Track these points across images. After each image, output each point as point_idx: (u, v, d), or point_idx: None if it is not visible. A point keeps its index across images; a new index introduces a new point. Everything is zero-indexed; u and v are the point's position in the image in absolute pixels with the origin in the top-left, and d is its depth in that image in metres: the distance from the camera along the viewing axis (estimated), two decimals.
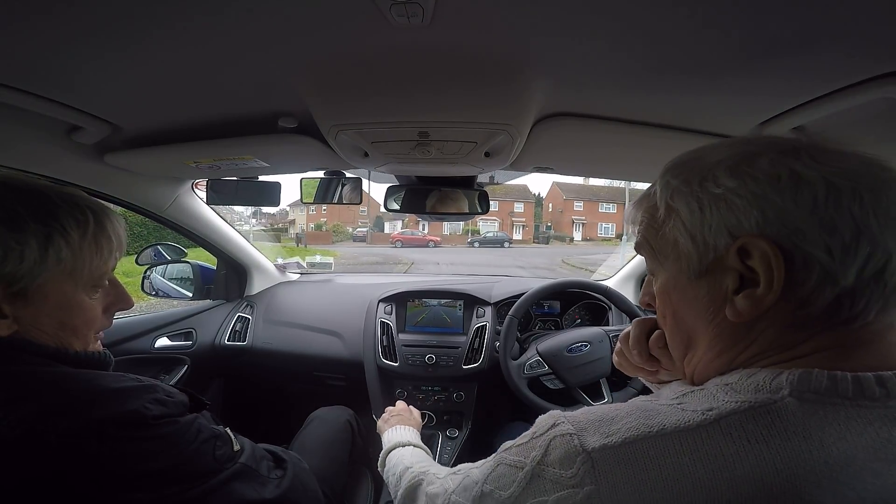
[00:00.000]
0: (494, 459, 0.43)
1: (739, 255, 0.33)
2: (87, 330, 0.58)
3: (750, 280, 0.33)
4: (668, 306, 0.41)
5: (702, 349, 0.39)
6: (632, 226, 0.44)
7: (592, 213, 33.33)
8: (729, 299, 0.35)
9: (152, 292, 1.52)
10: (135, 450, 0.49)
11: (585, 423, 0.36)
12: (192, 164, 0.98)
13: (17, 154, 0.86)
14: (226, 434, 0.62)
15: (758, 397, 0.31)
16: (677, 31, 0.48)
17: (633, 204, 0.43)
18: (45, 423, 0.45)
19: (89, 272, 0.55)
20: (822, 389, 0.30)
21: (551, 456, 0.36)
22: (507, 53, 0.55)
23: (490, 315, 1.42)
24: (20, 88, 0.63)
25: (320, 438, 1.07)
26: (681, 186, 0.37)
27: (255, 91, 0.69)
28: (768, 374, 0.33)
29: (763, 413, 0.30)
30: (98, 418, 0.48)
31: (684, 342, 0.40)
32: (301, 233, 28.98)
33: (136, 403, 0.50)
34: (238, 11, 0.46)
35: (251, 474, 0.62)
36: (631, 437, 0.33)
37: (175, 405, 0.55)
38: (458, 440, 1.35)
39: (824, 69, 0.53)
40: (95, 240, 0.55)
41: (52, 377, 0.50)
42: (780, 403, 0.30)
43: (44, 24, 0.48)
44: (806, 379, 0.31)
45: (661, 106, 0.70)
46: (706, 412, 0.32)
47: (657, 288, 0.42)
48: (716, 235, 0.34)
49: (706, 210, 0.35)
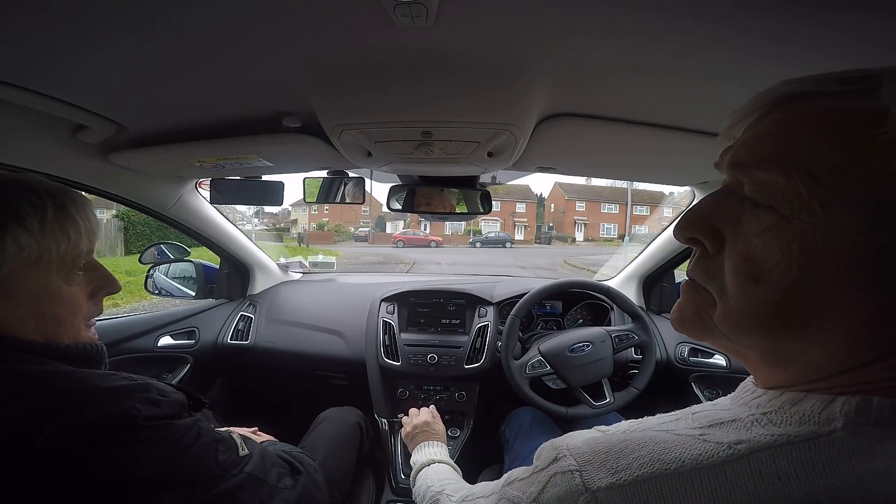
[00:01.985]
0: (499, 493, 0.42)
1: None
2: (73, 318, 0.56)
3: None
4: (791, 271, 0.26)
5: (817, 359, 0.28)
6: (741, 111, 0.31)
7: (594, 214, 33.31)
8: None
9: (155, 291, 1.52)
10: (126, 453, 0.47)
11: (591, 456, 0.32)
12: (196, 164, 0.99)
13: (23, 153, 0.86)
14: (230, 438, 0.60)
15: (801, 430, 0.26)
16: (679, 31, 0.48)
17: (775, 93, 0.29)
18: (32, 425, 0.43)
19: (59, 257, 0.52)
20: (883, 420, 0.25)
21: (548, 494, 0.33)
22: (511, 54, 0.55)
23: (492, 315, 1.42)
24: (26, 87, 0.64)
25: (330, 438, 1.07)
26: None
27: (259, 91, 0.70)
28: (818, 401, 0.27)
29: (804, 448, 0.25)
30: (87, 420, 0.46)
31: (785, 329, 0.28)
32: (303, 232, 29.05)
33: (127, 404, 0.48)
34: (244, 12, 0.47)
35: (258, 484, 0.60)
36: (643, 475, 0.28)
37: (170, 405, 0.53)
38: (460, 440, 1.35)
39: (825, 69, 0.53)
40: (59, 224, 0.52)
41: (42, 376, 0.48)
42: (829, 438, 0.25)
43: (50, 23, 0.48)
44: (865, 409, 0.25)
45: (664, 106, 0.70)
46: (734, 445, 0.27)
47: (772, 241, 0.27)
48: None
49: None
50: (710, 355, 1.35)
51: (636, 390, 1.19)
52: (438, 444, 0.94)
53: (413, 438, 0.98)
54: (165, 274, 1.56)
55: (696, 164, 0.96)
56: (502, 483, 0.43)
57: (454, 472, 0.81)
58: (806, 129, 0.26)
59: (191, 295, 1.59)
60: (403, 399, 1.39)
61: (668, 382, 1.33)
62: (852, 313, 0.25)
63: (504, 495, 0.40)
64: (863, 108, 0.25)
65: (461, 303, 1.48)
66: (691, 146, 0.82)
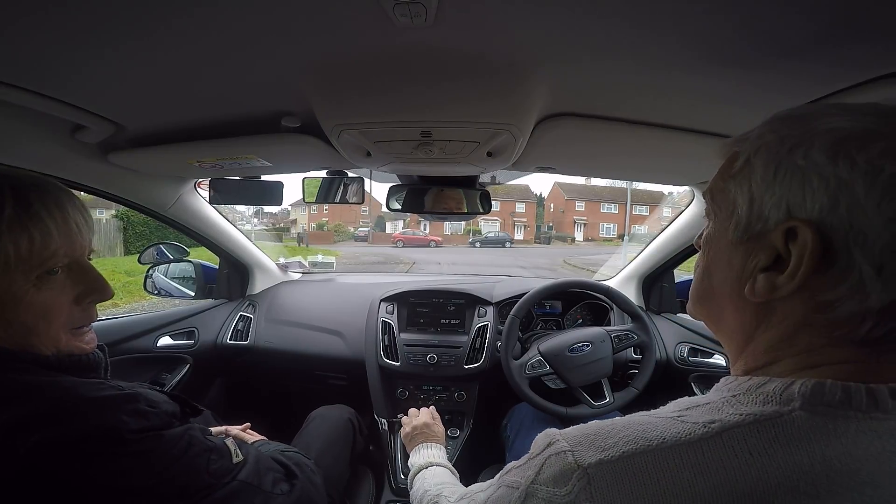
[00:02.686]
0: (497, 482, 0.43)
1: (786, 235, 0.31)
2: (48, 326, 0.50)
3: (782, 263, 0.31)
4: (704, 258, 0.40)
5: (730, 323, 0.38)
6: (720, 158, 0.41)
7: (594, 214, 33.34)
8: (753, 275, 0.33)
9: (155, 291, 1.52)
10: (112, 467, 0.45)
11: (581, 438, 0.35)
12: (196, 164, 0.99)
13: (21, 153, 0.86)
14: (223, 446, 0.58)
15: (765, 410, 0.30)
16: (679, 31, 0.48)
17: (733, 140, 0.38)
18: (14, 438, 0.42)
19: (21, 259, 0.46)
20: (835, 402, 0.29)
21: (544, 474, 0.35)
22: (510, 53, 0.55)
23: (492, 315, 1.42)
24: (25, 87, 0.63)
25: (322, 437, 1.06)
26: (772, 144, 0.32)
27: (258, 91, 0.69)
28: (779, 384, 0.31)
29: (769, 426, 0.29)
30: (72, 432, 0.44)
31: (705, 296, 0.40)
32: (303, 232, 29.05)
33: (114, 416, 0.46)
34: (243, 12, 0.46)
35: (252, 492, 0.59)
36: (629, 452, 0.31)
37: (158, 416, 0.50)
38: (460, 440, 1.35)
39: (828, 69, 0.53)
40: (19, 222, 0.46)
41: (25, 386, 0.46)
42: (789, 417, 0.29)
43: (49, 24, 0.48)
44: (819, 391, 0.29)
45: (663, 106, 0.70)
46: (708, 424, 0.31)
47: (704, 236, 0.40)
48: (773, 207, 0.31)
49: (779, 178, 0.31)
50: (710, 355, 1.35)
51: (636, 390, 1.19)
52: (437, 446, 0.95)
53: (412, 440, 0.98)
54: (165, 274, 1.56)
55: (696, 165, 0.96)
56: (500, 474, 0.44)
57: (452, 476, 0.81)
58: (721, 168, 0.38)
59: (190, 295, 1.59)
60: (403, 399, 1.39)
61: (667, 382, 1.33)
62: (727, 287, 0.36)
63: (503, 483, 0.42)
64: (738, 149, 0.35)
65: (461, 303, 1.48)
66: (691, 146, 0.82)
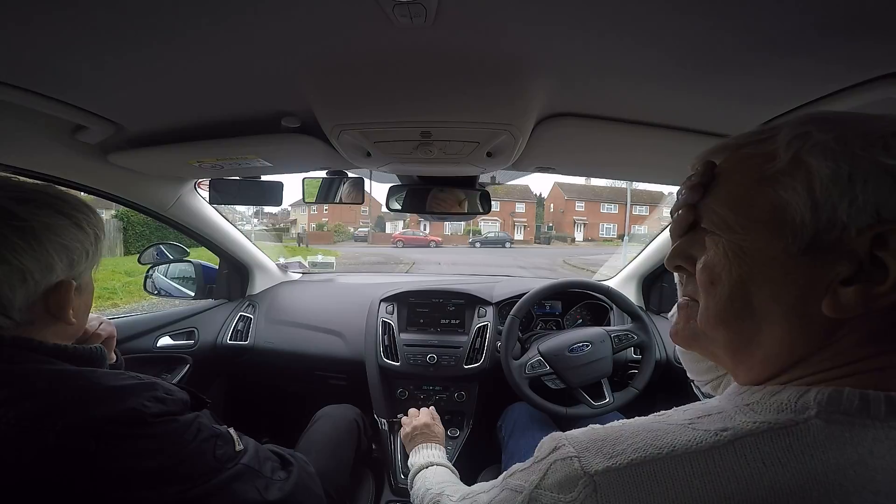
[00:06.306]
0: (501, 484, 0.43)
1: (873, 242, 0.28)
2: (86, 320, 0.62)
3: (863, 273, 0.28)
4: (732, 274, 0.33)
5: (769, 346, 0.32)
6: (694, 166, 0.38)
7: (594, 214, 33.34)
8: (833, 289, 0.29)
9: (154, 291, 1.52)
10: (133, 448, 0.49)
11: (587, 443, 0.34)
12: (196, 164, 0.99)
13: (21, 153, 0.86)
14: (227, 433, 0.62)
15: (780, 418, 0.29)
16: (679, 31, 0.48)
17: (719, 146, 0.36)
18: (43, 422, 0.45)
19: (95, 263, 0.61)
20: (852, 410, 0.28)
21: (549, 480, 0.35)
22: (510, 53, 0.55)
23: (491, 315, 1.42)
24: (25, 87, 0.64)
25: (327, 437, 1.07)
26: (831, 143, 0.29)
27: (258, 91, 0.70)
28: (794, 392, 0.30)
29: (783, 434, 0.28)
30: (97, 417, 0.47)
31: (740, 316, 0.33)
32: (303, 232, 29.05)
33: (136, 401, 0.50)
34: (242, 12, 0.46)
35: (253, 475, 0.62)
36: (638, 459, 0.30)
37: (174, 403, 0.55)
38: (460, 440, 1.35)
39: (827, 69, 0.53)
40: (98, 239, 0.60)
41: (52, 375, 0.50)
42: (804, 425, 0.28)
43: (49, 24, 0.48)
44: (836, 399, 0.28)
45: (663, 106, 0.70)
46: (720, 432, 0.30)
47: (717, 252, 0.34)
48: (857, 213, 0.28)
49: (858, 180, 0.28)
50: None
51: (636, 390, 1.19)
52: (437, 446, 0.95)
53: (412, 440, 0.98)
54: (165, 274, 1.56)
55: None
56: (504, 476, 0.44)
57: (452, 475, 0.81)
58: (733, 171, 0.34)
59: (190, 295, 1.59)
60: (403, 399, 1.39)
61: (667, 382, 1.33)
62: (783, 304, 0.31)
63: (506, 486, 0.41)
64: (764, 150, 0.32)
65: (461, 303, 1.48)
66: (690, 146, 0.82)
